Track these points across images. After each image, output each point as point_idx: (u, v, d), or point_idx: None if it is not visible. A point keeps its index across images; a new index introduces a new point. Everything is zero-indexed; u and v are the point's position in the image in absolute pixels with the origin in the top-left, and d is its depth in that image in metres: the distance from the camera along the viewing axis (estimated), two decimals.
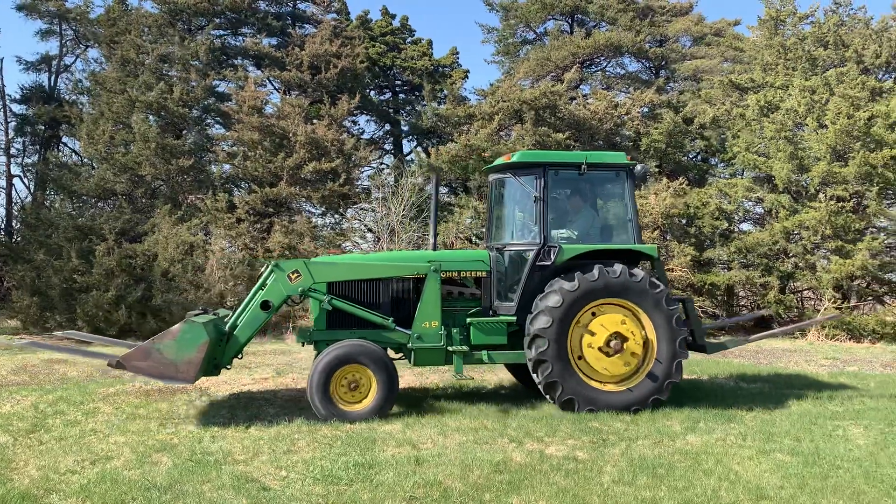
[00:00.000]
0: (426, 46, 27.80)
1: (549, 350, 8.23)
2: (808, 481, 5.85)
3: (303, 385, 10.36)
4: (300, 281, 8.47)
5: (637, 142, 22.60)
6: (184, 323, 7.80)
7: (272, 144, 19.88)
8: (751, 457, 6.55)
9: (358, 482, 5.83)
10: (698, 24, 28.73)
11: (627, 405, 8.37)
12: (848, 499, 5.47)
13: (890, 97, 18.01)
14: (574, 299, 8.30)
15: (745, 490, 5.63)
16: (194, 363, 7.62)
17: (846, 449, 6.85)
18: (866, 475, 6.02)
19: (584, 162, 8.81)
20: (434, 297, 8.71)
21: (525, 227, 9.30)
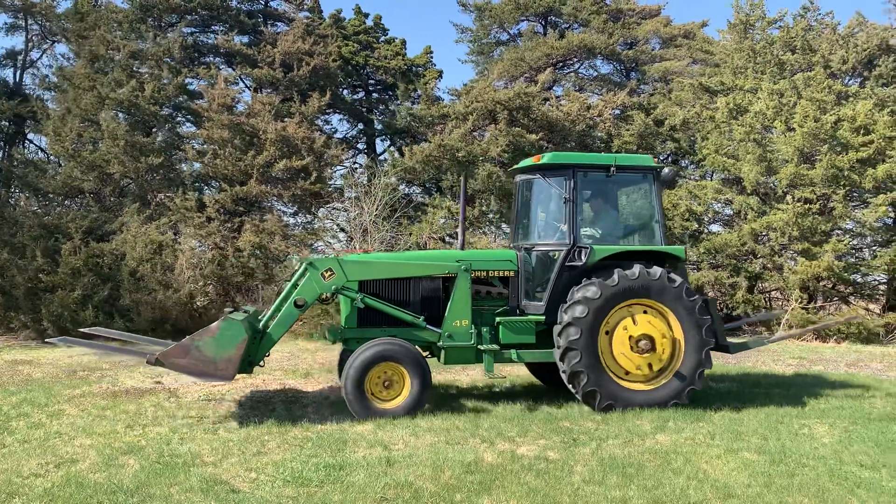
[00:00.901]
0: (400, 46, 27.70)
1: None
2: (775, 479, 5.93)
3: (273, 386, 10.29)
4: (333, 279, 8.56)
5: (609, 143, 22.77)
6: (222, 320, 7.87)
7: (243, 142, 19.68)
8: (719, 455, 6.63)
9: (329, 483, 5.79)
10: (667, 26, 29.05)
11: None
12: (813, 496, 5.56)
13: (856, 101, 18.35)
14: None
15: (713, 489, 5.70)
16: (233, 361, 7.70)
17: (811, 447, 6.97)
18: (831, 473, 6.13)
19: (613, 164, 8.97)
20: (464, 296, 8.84)
21: (553, 227, 9.38)
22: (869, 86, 19.21)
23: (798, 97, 18.58)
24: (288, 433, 7.43)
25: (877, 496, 5.59)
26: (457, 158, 21.16)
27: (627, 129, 22.67)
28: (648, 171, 9.22)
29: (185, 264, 17.76)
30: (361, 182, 21.67)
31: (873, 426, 7.88)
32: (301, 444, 7.01)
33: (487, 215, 22.18)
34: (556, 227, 9.22)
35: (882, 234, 18.35)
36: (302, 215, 21.82)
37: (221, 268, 18.22)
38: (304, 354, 14.05)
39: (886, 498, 5.56)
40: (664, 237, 9.13)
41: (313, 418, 8.24)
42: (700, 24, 29.44)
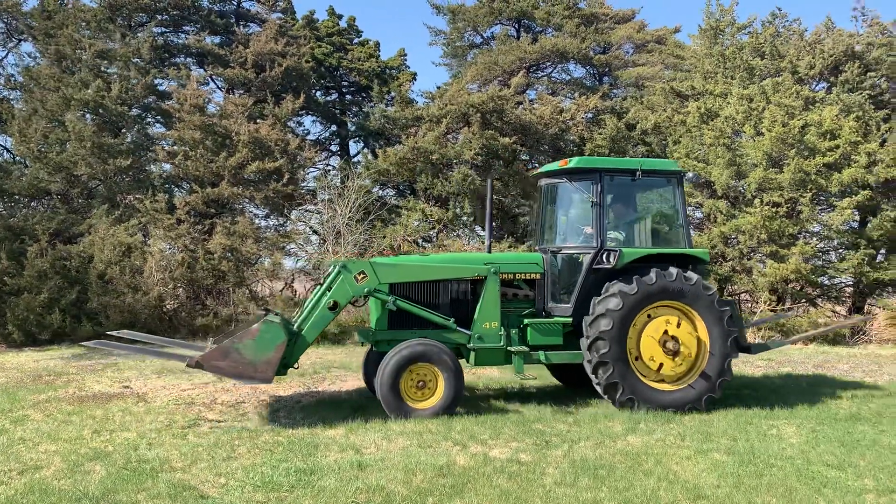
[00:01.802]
0: (373, 48, 27.65)
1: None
2: (744, 480, 5.99)
3: (244, 390, 10.17)
4: (366, 282, 8.62)
5: (581, 147, 22.91)
6: (262, 323, 7.92)
7: (214, 144, 19.48)
8: (689, 457, 6.69)
9: (299, 488, 5.73)
10: (640, 32, 29.32)
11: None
12: (781, 496, 5.62)
13: (822, 107, 18.67)
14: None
15: (684, 490, 5.74)
16: (272, 363, 7.77)
17: (780, 448, 7.05)
18: (798, 473, 6.20)
19: (639, 168, 9.16)
20: (494, 298, 8.94)
21: (579, 230, 9.51)
22: (835, 91, 19.54)
23: (767, 102, 18.85)
24: (258, 437, 7.35)
25: (842, 495, 5.67)
26: (430, 161, 21.16)
27: (600, 133, 22.85)
28: (672, 175, 9.46)
29: (154, 267, 17.53)
30: (335, 184, 21.58)
31: (839, 426, 8.00)
32: (272, 448, 6.94)
33: (461, 218, 22.20)
34: (582, 230, 9.39)
35: (848, 238, 18.68)
36: (274, 217, 21.66)
37: (192, 270, 18.00)
38: None
39: (852, 497, 5.64)
40: (688, 240, 9.36)
41: (284, 422, 8.16)
42: (673, 30, 29.79)
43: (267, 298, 19.01)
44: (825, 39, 21.36)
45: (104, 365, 12.71)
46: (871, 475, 6.18)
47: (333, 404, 9.03)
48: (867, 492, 5.77)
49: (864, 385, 11.10)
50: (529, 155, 23.95)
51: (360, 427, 7.77)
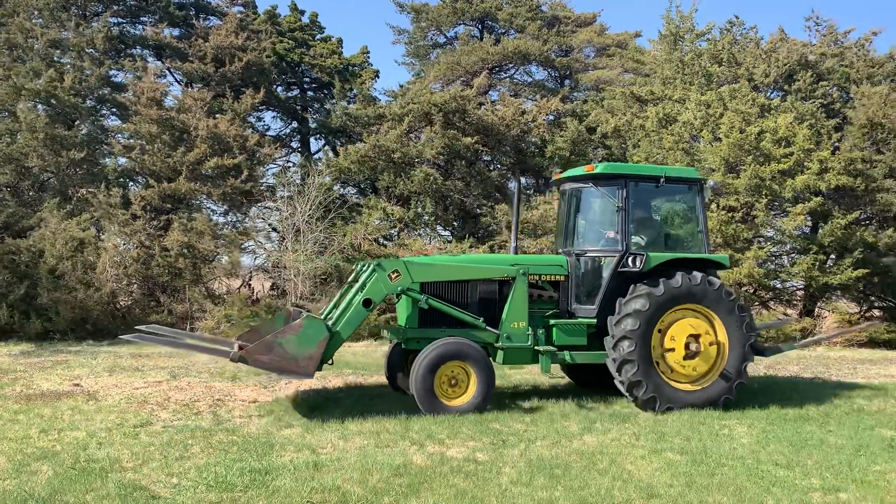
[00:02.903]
0: (336, 44, 27.45)
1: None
2: (696, 479, 6.09)
3: (198, 389, 10.01)
4: (399, 280, 8.75)
5: (542, 149, 23.07)
6: (305, 319, 8.14)
7: (171, 138, 19.13)
8: (643, 456, 6.77)
9: (253, 488, 5.66)
10: (601, 36, 29.65)
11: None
12: (731, 495, 5.73)
13: (777, 114, 19.09)
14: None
15: (637, 489, 5.81)
16: (314, 358, 7.94)
17: (731, 447, 7.19)
18: (749, 472, 6.33)
19: (663, 176, 9.44)
20: (522, 299, 9.12)
21: (601, 234, 9.75)
22: (790, 99, 20.02)
23: (724, 108, 19.21)
24: (212, 437, 7.24)
25: (790, 494, 5.80)
26: (392, 160, 21.08)
27: (561, 136, 23.02)
28: (694, 183, 9.75)
29: (108, 263, 17.16)
30: (294, 181, 21.37)
31: (789, 426, 8.19)
32: (226, 448, 6.84)
33: (423, 217, 22.17)
34: (604, 233, 9.65)
35: (800, 242, 19.12)
36: (232, 214, 21.36)
37: (147, 267, 17.67)
38: None
39: (799, 495, 5.77)
40: (708, 245, 9.69)
41: (240, 422, 8.05)
42: (633, 35, 30.18)
43: (224, 296, 18.75)
44: (780, 48, 21.87)
45: (53, 362, 12.40)
46: (817, 474, 6.34)
47: (290, 404, 8.93)
48: (814, 490, 5.91)
49: (813, 386, 11.38)
50: (491, 156, 24.03)
51: (317, 427, 7.71)
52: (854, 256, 18.03)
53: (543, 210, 20.41)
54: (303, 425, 7.79)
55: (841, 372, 13.31)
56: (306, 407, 8.69)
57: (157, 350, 14.66)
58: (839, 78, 21.38)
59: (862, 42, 22.34)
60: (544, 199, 21.51)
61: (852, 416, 8.85)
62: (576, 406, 8.99)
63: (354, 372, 11.76)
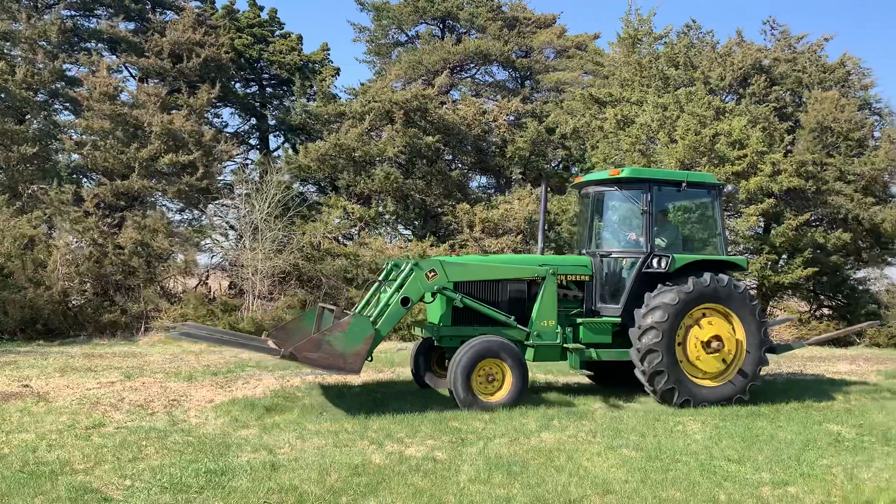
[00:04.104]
0: (296, 41, 27.15)
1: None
2: (650, 475, 6.20)
3: (154, 389, 9.83)
4: (436, 279, 8.99)
5: (503, 149, 23.19)
6: (352, 317, 8.38)
7: (125, 134, 18.75)
8: (599, 453, 6.86)
9: (209, 489, 5.58)
10: (561, 37, 29.89)
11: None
12: (685, 490, 5.84)
13: (732, 117, 19.50)
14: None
15: (593, 485, 5.88)
16: (361, 355, 8.16)
17: (685, 443, 7.33)
18: (702, 467, 6.46)
19: (685, 180, 9.83)
20: (552, 298, 9.45)
21: (624, 235, 10.17)
22: (744, 103, 20.46)
23: (680, 111, 19.55)
24: (167, 438, 7.12)
25: (741, 488, 5.93)
26: (353, 158, 20.98)
27: (521, 136, 23.17)
28: (713, 187, 10.13)
29: (59, 261, 16.75)
30: (253, 179, 21.11)
31: (741, 422, 8.37)
32: (181, 449, 6.73)
33: (384, 216, 22.11)
34: (627, 235, 10.04)
35: (753, 243, 19.56)
36: (189, 212, 21.02)
37: (100, 265, 17.29)
38: (188, 357, 13.53)
39: (750, 489, 5.91)
40: (725, 248, 10.13)
41: (195, 422, 7.93)
42: (593, 37, 30.47)
43: (180, 295, 18.45)
44: (735, 52, 22.33)
45: (1, 363, 12.06)
46: (767, 469, 6.50)
47: (247, 404, 8.81)
48: (764, 484, 6.06)
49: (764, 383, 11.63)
50: (452, 155, 24.08)
51: (275, 427, 7.64)
52: (804, 256, 18.52)
53: (504, 210, 20.53)
54: (260, 425, 7.71)
55: (791, 369, 13.66)
56: (264, 407, 8.60)
57: (112, 350, 14.37)
58: (792, 82, 21.93)
59: (814, 48, 22.94)
60: (504, 198, 21.64)
61: (801, 412, 9.09)
62: (534, 404, 9.07)
63: (313, 371, 11.66)
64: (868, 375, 13.31)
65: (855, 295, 20.64)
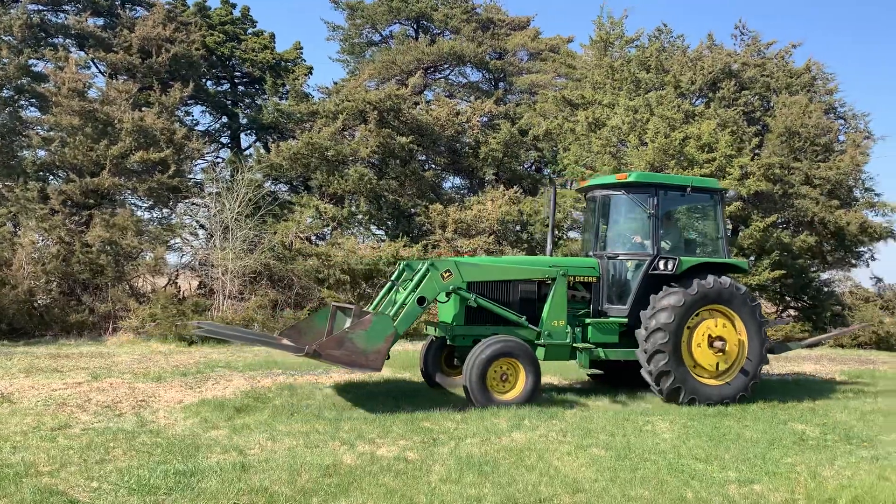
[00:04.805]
0: (268, 39, 26.94)
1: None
2: (620, 474, 6.27)
3: (122, 389, 9.71)
4: (451, 279, 9.19)
5: (476, 150, 23.26)
6: (374, 315, 8.52)
7: (94, 131, 18.43)
8: (570, 452, 6.92)
9: (178, 491, 5.53)
10: (535, 40, 30.05)
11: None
12: (653, 489, 5.92)
13: (701, 121, 19.77)
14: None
15: (563, 484, 5.94)
16: (382, 353, 8.32)
17: (654, 443, 7.42)
18: (670, 466, 6.55)
19: (690, 185, 10.14)
20: (562, 298, 9.69)
21: (630, 238, 10.48)
22: (713, 106, 20.75)
23: (651, 114, 19.77)
24: (135, 439, 7.03)
25: (708, 486, 6.03)
26: (326, 157, 20.90)
27: (494, 137, 23.25)
28: (716, 192, 10.47)
29: (24, 259, 16.44)
30: (224, 177, 20.91)
31: (708, 422, 8.50)
32: (150, 450, 6.66)
33: (357, 216, 22.04)
34: (639, 238, 10.29)
35: None
36: (158, 210, 20.74)
37: (67, 264, 17.00)
38: (157, 357, 13.37)
39: (717, 488, 6.01)
40: (727, 251, 10.43)
41: (164, 423, 7.85)
42: (566, 40, 30.68)
43: (149, 295, 18.21)
44: (706, 56, 22.64)
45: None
46: (734, 467, 6.61)
47: (217, 405, 8.74)
48: (730, 483, 6.17)
49: None
50: (426, 155, 24.09)
51: (245, 427, 7.59)
52: (771, 258, 18.83)
53: (477, 210, 20.59)
54: (230, 426, 7.65)
55: None
56: (234, 408, 8.53)
57: (79, 350, 14.15)
58: (760, 87, 22.30)
59: (782, 54, 23.35)
60: (478, 199, 21.70)
61: (767, 412, 9.26)
62: None
63: (284, 372, 11.61)
64: (832, 375, 13.59)
65: (820, 297, 21.03)
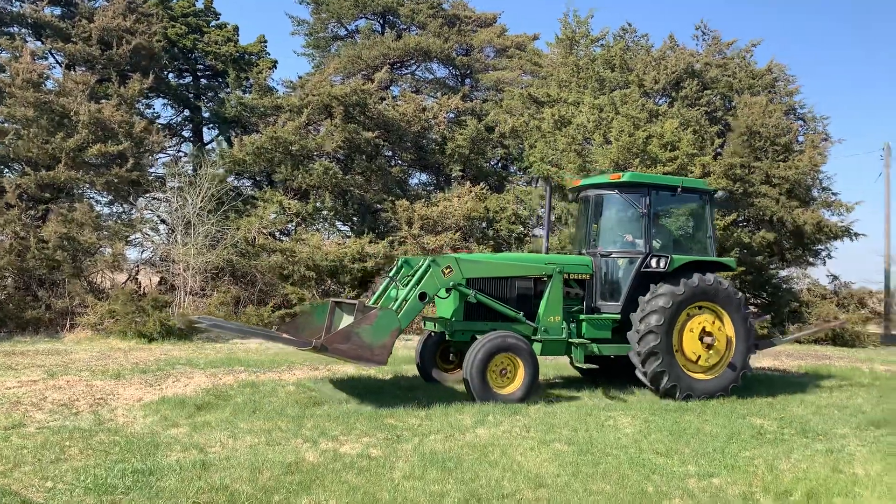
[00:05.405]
0: (232, 32, 26.56)
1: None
2: (582, 468, 6.31)
3: (79, 387, 9.50)
4: (451, 276, 9.32)
5: (443, 146, 23.25)
6: (380, 310, 8.59)
7: (51, 123, 17.98)
8: (532, 447, 6.95)
9: (136, 490, 5.42)
10: (501, 37, 30.15)
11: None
12: (615, 483, 5.97)
13: (664, 120, 20.02)
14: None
15: (526, 479, 5.96)
16: (387, 347, 8.42)
17: (615, 437, 7.49)
18: (631, 461, 6.61)
19: (680, 185, 10.44)
20: (558, 295, 9.90)
21: (621, 237, 10.67)
22: (676, 105, 21.03)
23: (615, 113, 19.96)
24: (92, 438, 6.88)
25: (669, 480, 6.11)
26: (290, 152, 20.70)
27: (461, 134, 23.27)
28: (705, 193, 10.80)
29: None
30: (186, 172, 20.58)
31: (669, 416, 8.61)
32: (107, 449, 6.52)
33: (321, 211, 21.88)
34: (631, 237, 10.49)
35: None
36: (118, 205, 20.33)
37: (22, 259, 16.57)
38: (116, 354, 13.12)
39: (677, 481, 6.09)
40: (713, 249, 10.76)
41: (122, 421, 7.69)
42: (532, 37, 30.83)
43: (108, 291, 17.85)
44: (669, 56, 22.93)
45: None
46: (693, 461, 6.71)
47: (178, 402, 8.59)
48: (690, 476, 6.25)
49: None
50: (392, 151, 24.01)
51: (206, 425, 7.48)
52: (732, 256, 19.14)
53: (443, 207, 20.59)
54: (190, 424, 7.53)
55: None
56: (195, 405, 8.40)
57: (35, 347, 13.82)
58: (722, 87, 22.65)
59: (743, 53, 23.75)
60: (444, 195, 21.70)
61: (727, 407, 9.41)
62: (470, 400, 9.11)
63: (247, 369, 11.48)
64: (790, 370, 13.88)
65: (778, 293, 21.46)
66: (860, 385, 12.07)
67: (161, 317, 15.45)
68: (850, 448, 7.43)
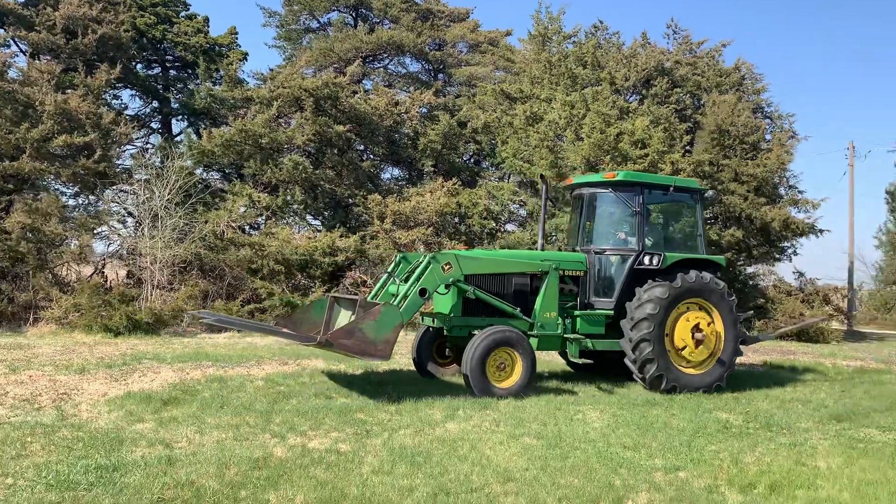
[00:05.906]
0: (202, 23, 26.18)
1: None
2: (550, 462, 6.35)
3: (42, 382, 9.32)
4: (451, 272, 9.43)
5: (415, 141, 23.19)
6: (383, 306, 8.68)
7: (14, 113, 17.58)
8: (502, 441, 6.98)
9: (99, 486, 5.33)
10: (474, 32, 30.15)
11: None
12: (583, 476, 6.01)
13: (635, 117, 20.17)
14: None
15: (495, 473, 5.98)
16: (390, 342, 8.52)
17: (584, 431, 7.55)
18: (599, 454, 6.67)
19: (672, 185, 10.70)
20: (553, 292, 10.07)
21: (614, 234, 10.88)
22: (647, 103, 21.20)
23: (587, 110, 20.07)
24: (55, 433, 6.75)
25: (636, 474, 6.17)
26: (260, 145, 20.49)
27: (433, 129, 23.22)
28: (696, 192, 11.06)
29: None
30: (153, 164, 20.27)
31: (637, 411, 8.70)
32: (70, 444, 6.40)
33: (292, 206, 21.70)
34: (624, 234, 10.72)
35: None
36: (84, 197, 19.96)
37: None
38: (81, 349, 12.89)
39: (644, 475, 6.15)
40: (705, 247, 11.00)
41: (86, 417, 7.56)
42: (505, 33, 30.87)
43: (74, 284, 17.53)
44: (640, 54, 23.11)
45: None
46: (660, 455, 6.78)
47: (143, 397, 8.47)
48: (657, 470, 6.32)
49: None
50: (363, 145, 23.88)
51: (172, 420, 7.38)
52: None
53: (416, 202, 20.54)
54: (156, 419, 7.43)
55: None
56: (161, 400, 8.28)
57: None
58: (692, 85, 22.89)
59: (713, 53, 24.01)
60: (416, 190, 21.64)
61: (693, 401, 9.53)
62: (440, 394, 9.12)
63: (215, 364, 11.35)
64: (756, 365, 14.09)
65: (745, 290, 21.77)
66: (823, 380, 12.30)
67: (128, 311, 15.21)
68: (813, 441, 7.58)
